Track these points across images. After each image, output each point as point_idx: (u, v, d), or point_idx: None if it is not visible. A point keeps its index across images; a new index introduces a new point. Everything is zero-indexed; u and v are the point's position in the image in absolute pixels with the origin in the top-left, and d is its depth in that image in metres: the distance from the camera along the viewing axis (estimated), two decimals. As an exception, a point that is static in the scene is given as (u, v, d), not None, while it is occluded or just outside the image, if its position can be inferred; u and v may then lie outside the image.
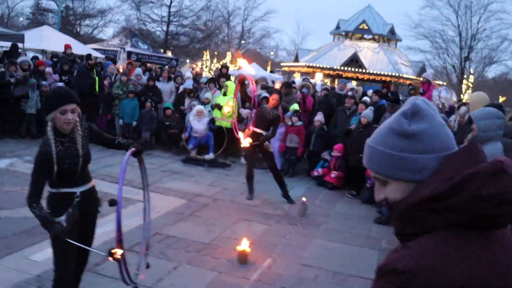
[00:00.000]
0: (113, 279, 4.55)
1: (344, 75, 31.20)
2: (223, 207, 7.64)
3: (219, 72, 13.92)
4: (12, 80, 10.77)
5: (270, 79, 16.60)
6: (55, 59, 14.65)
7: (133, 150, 3.24)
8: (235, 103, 9.06)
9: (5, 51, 12.72)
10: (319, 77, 31.50)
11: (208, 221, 6.85)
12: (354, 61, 33.51)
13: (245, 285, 4.89)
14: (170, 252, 5.55)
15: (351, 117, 10.04)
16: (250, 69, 7.81)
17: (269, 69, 30.05)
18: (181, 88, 12.69)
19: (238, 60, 8.10)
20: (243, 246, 5.49)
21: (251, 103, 8.04)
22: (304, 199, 7.72)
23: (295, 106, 10.58)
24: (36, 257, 4.96)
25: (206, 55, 38.53)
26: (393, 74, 31.96)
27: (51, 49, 19.19)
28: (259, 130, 7.87)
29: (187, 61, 44.02)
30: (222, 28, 49.04)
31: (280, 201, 8.15)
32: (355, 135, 9.16)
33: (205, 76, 17.52)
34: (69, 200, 3.39)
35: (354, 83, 29.31)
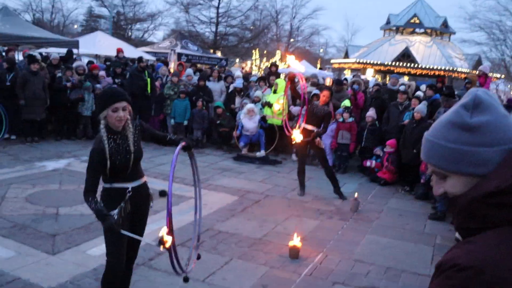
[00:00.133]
0: (166, 273, 4.64)
1: (396, 71, 30.62)
2: (274, 204, 7.64)
3: (268, 70, 13.93)
4: (69, 85, 11.17)
5: (320, 76, 16.49)
6: (108, 63, 15.05)
7: (183, 145, 3.28)
8: (285, 101, 9.04)
9: (61, 57, 13.18)
10: (369, 73, 31.05)
11: (260, 217, 6.86)
12: (406, 56, 32.87)
13: (297, 279, 4.87)
14: (222, 247, 5.59)
15: (403, 112, 9.84)
16: (299, 66, 7.77)
17: (318, 66, 29.90)
18: (231, 87, 12.81)
19: (287, 58, 8.08)
20: (294, 241, 5.47)
21: (301, 100, 8.01)
22: (356, 195, 7.63)
23: (346, 103, 10.47)
24: (92, 251, 5.12)
25: (255, 54, 38.60)
26: (447, 68, 31.11)
27: (104, 54, 19.72)
28: (310, 126, 7.83)
29: (237, 61, 44.29)
30: (270, 27, 49.12)
31: (331, 197, 8.09)
32: (408, 130, 8.98)
33: (254, 73, 17.54)
34: (121, 195, 3.49)
35: (406, 78, 28.77)
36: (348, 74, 29.94)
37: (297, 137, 7.50)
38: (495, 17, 36.54)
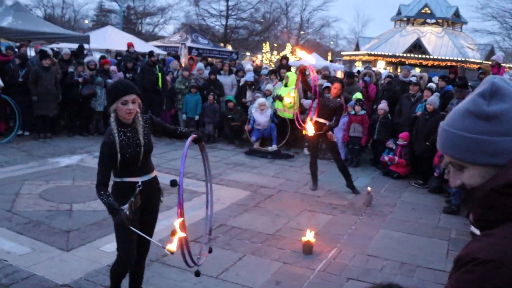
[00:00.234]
0: (180, 269, 4.64)
1: (407, 62, 30.43)
2: (287, 198, 7.62)
3: (279, 63, 13.87)
4: (80, 80, 11.19)
5: (331, 68, 16.40)
6: (119, 58, 15.06)
7: (194, 137, 3.28)
8: (296, 94, 8.98)
9: (73, 52, 13.21)
10: (381, 65, 30.86)
11: (272, 212, 6.85)
12: (417, 47, 32.62)
13: (311, 275, 4.85)
14: (235, 243, 5.58)
15: (416, 104, 9.74)
16: (310, 58, 7.72)
17: (329, 58, 29.74)
18: (242, 81, 12.77)
19: (297, 51, 8.03)
20: (308, 236, 5.45)
21: (311, 92, 7.96)
22: (369, 189, 7.58)
23: (357, 95, 10.39)
24: (106, 248, 5.13)
25: (266, 47, 38.53)
26: (459, 58, 30.85)
27: (115, 48, 19.79)
28: (322, 120, 7.77)
29: (247, 54, 44.24)
30: (280, 20, 48.97)
31: (344, 191, 8.05)
32: (421, 122, 8.90)
33: (265, 66, 17.48)
34: (131, 189, 3.51)
35: (417, 69, 28.56)
36: (359, 66, 29.78)
37: (309, 130, 7.46)
38: (508, 5, 35.94)
